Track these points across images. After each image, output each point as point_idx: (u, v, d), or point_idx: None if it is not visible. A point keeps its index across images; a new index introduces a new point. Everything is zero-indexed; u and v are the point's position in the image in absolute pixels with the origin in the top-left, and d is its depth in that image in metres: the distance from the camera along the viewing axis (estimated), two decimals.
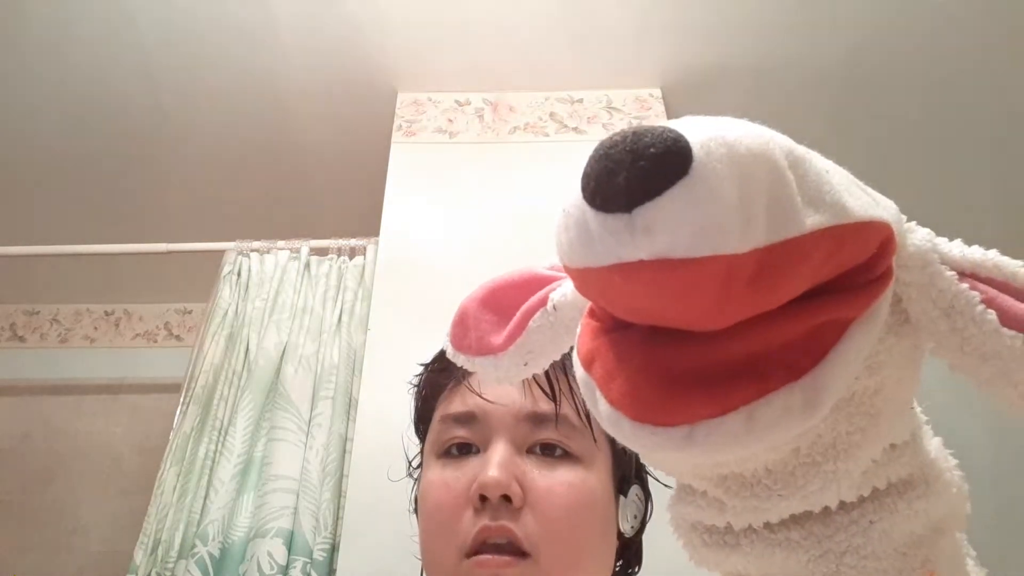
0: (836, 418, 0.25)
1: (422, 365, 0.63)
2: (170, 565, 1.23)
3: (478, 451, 0.54)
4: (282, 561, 1.19)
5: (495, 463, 0.51)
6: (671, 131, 0.19)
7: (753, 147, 0.20)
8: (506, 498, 0.50)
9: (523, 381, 0.54)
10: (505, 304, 0.34)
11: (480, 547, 0.50)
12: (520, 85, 1.76)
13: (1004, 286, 0.25)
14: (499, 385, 0.34)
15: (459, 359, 0.35)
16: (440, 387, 0.59)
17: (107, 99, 1.77)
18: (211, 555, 1.22)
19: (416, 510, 0.59)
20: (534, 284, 0.34)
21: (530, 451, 0.54)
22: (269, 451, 1.32)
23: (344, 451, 1.33)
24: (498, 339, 0.33)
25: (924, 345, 0.26)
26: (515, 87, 1.76)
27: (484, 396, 0.54)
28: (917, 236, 0.26)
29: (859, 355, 0.23)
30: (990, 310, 0.24)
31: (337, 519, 1.26)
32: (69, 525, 2.15)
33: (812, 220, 0.21)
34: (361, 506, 1.22)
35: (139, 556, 1.27)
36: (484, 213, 1.58)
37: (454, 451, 0.55)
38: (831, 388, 0.22)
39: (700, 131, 0.20)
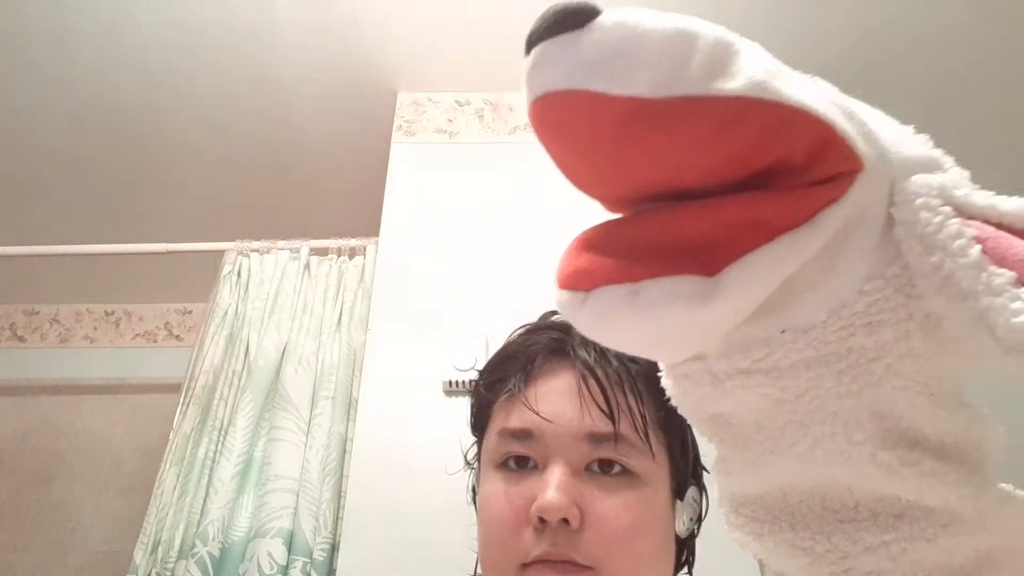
0: (820, 373, 0.23)
1: (478, 371, 0.64)
2: (170, 565, 1.23)
3: (536, 465, 0.54)
4: (282, 561, 1.20)
5: (554, 485, 0.51)
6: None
7: (660, 26, 0.21)
8: (564, 520, 0.51)
9: (579, 398, 0.54)
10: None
11: (539, 563, 0.51)
12: (520, 85, 1.75)
13: None
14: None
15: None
16: (495, 397, 0.59)
17: (107, 99, 1.77)
18: (211, 555, 1.22)
19: (474, 501, 0.61)
20: None
21: (588, 468, 0.53)
22: (269, 451, 1.32)
23: (344, 451, 1.33)
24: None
25: (942, 314, 0.22)
26: (515, 87, 1.75)
27: (540, 413, 0.54)
28: (927, 178, 0.23)
29: (778, 266, 0.21)
30: (975, 244, 0.21)
31: (337, 519, 1.26)
32: (69, 525, 2.15)
33: (720, 85, 0.21)
34: (361, 506, 1.22)
35: (139, 556, 1.27)
36: (484, 213, 1.58)
37: (512, 464, 0.55)
38: (732, 287, 0.21)
39: (623, 10, 0.22)
